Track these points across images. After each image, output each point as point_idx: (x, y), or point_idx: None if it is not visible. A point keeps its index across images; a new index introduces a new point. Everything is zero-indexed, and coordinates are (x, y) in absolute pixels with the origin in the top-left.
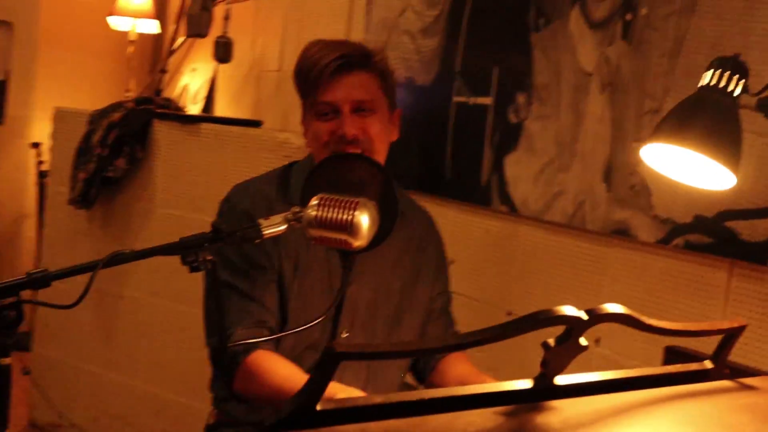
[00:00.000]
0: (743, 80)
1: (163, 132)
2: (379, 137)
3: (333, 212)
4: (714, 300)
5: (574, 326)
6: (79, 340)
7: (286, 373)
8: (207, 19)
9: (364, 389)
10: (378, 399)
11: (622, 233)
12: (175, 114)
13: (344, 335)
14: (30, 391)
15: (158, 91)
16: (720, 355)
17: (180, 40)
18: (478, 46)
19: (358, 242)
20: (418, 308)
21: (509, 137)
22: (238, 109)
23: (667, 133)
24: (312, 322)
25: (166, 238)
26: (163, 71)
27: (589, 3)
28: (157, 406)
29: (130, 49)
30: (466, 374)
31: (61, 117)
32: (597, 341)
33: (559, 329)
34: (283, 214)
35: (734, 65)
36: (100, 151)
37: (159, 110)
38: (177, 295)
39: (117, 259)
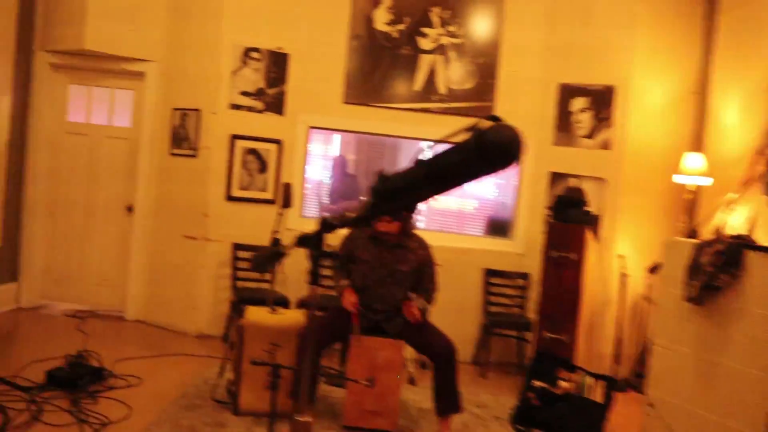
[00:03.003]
0: None
1: (754, 259)
2: None
3: None
4: None
5: None
6: (681, 387)
7: None
8: None
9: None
10: None
11: None
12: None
13: None
14: (645, 416)
15: (717, 229)
16: None
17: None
18: None
19: None
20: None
21: None
22: None
23: None
24: None
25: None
26: (732, 209)
27: None
28: None
29: (688, 196)
30: None
31: (668, 244)
32: None
33: None
34: None
35: None
36: (709, 269)
37: (753, 244)
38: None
39: None
